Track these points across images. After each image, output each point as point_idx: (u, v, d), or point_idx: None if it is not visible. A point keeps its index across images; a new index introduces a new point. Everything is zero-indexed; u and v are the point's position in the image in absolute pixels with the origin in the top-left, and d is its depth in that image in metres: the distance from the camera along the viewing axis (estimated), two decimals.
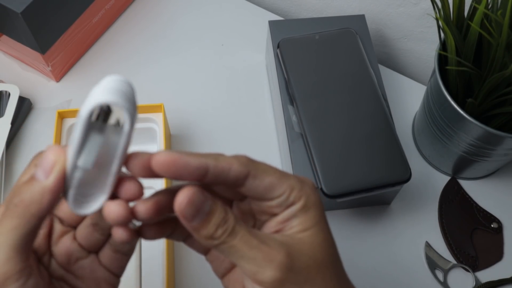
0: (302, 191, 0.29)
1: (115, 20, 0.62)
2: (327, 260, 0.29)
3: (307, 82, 0.48)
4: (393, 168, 0.44)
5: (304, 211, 0.29)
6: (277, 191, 0.28)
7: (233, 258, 0.27)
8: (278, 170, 0.29)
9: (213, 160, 0.27)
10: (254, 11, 0.63)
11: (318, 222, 0.29)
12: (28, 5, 0.47)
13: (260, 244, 0.27)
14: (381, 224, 0.51)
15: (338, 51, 0.50)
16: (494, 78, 0.40)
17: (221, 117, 0.56)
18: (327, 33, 0.51)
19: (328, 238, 0.29)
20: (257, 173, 0.28)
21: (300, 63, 0.49)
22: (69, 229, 0.31)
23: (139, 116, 0.49)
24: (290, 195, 0.28)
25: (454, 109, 0.44)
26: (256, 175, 0.28)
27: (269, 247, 0.27)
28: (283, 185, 0.28)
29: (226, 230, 0.27)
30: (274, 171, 0.29)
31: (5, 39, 0.55)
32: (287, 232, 0.29)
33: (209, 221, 0.26)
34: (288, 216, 0.29)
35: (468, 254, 0.49)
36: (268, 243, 0.27)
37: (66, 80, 0.58)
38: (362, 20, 0.53)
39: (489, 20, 0.41)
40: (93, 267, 0.31)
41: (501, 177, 0.54)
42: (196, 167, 0.26)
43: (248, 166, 0.28)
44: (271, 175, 0.28)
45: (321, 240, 0.29)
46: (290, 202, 0.29)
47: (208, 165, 0.27)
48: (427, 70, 0.63)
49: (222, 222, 0.27)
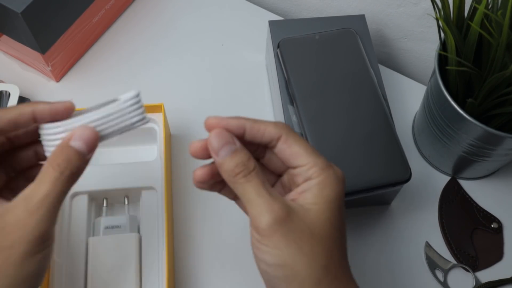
0: (324, 171, 0.32)
1: (115, 20, 0.62)
2: (324, 237, 0.31)
3: (307, 82, 0.48)
4: (393, 168, 0.44)
5: (319, 188, 0.32)
6: (300, 160, 0.32)
7: (243, 198, 0.31)
8: (310, 146, 0.33)
9: (250, 122, 0.33)
10: (254, 11, 0.63)
11: (329, 202, 0.32)
12: (28, 5, 0.47)
13: (267, 195, 0.31)
14: (381, 224, 0.51)
15: (338, 51, 0.50)
16: (494, 78, 0.40)
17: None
18: (327, 33, 0.51)
19: (334, 221, 0.32)
20: (288, 138, 0.33)
21: (300, 63, 0.49)
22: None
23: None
24: (311, 169, 0.32)
25: (454, 109, 0.44)
26: (287, 140, 0.33)
27: (274, 200, 0.31)
28: (308, 158, 0.32)
29: (243, 172, 0.31)
30: (306, 145, 0.33)
31: (5, 39, 0.55)
32: (299, 201, 0.32)
33: (232, 158, 0.31)
34: (305, 188, 0.32)
35: (468, 254, 0.49)
36: (274, 197, 0.31)
37: (66, 80, 0.58)
38: (362, 20, 0.53)
39: (489, 20, 0.41)
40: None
41: (501, 177, 0.54)
42: (236, 126, 0.32)
43: (282, 130, 0.33)
44: (300, 145, 0.32)
45: (325, 217, 0.31)
46: (309, 175, 0.32)
47: (245, 125, 0.33)
48: (427, 70, 0.63)
49: (242, 164, 0.31)
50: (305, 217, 0.31)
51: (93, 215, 0.47)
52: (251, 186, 0.31)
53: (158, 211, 0.45)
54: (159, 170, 0.47)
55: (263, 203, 0.31)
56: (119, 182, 0.46)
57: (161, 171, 0.47)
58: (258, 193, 0.31)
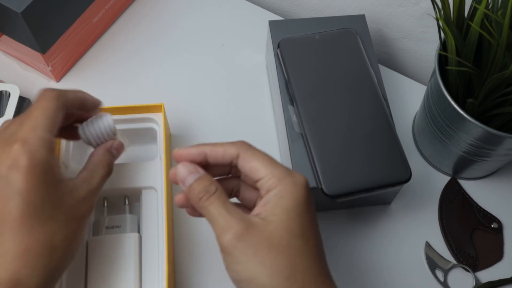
0: (281, 180, 0.33)
1: (115, 20, 0.62)
2: (285, 247, 0.32)
3: (307, 82, 0.48)
4: (393, 168, 0.44)
5: (277, 198, 0.33)
6: (259, 174, 0.34)
7: (208, 220, 0.34)
8: (268, 158, 0.35)
9: (210, 147, 0.36)
10: (254, 11, 0.63)
11: (288, 212, 0.33)
12: (28, 5, 0.47)
13: (226, 214, 0.33)
14: (381, 224, 0.51)
15: (339, 51, 0.50)
16: (494, 78, 0.40)
17: (221, 117, 0.56)
18: (327, 33, 0.51)
19: (295, 229, 0.33)
20: (246, 155, 0.35)
21: (300, 63, 0.49)
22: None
23: (139, 116, 0.49)
24: (269, 180, 0.34)
25: (454, 109, 0.44)
26: (245, 157, 0.35)
27: (232, 217, 0.33)
28: (266, 170, 0.34)
29: (205, 195, 0.34)
30: (263, 158, 0.35)
31: (5, 39, 0.55)
32: (262, 214, 0.33)
33: (195, 184, 0.35)
34: (266, 200, 0.34)
35: (468, 254, 0.49)
36: (233, 215, 0.33)
37: (66, 80, 0.58)
38: (362, 20, 0.53)
39: (490, 20, 0.41)
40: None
41: (501, 177, 0.54)
42: (196, 153, 0.36)
43: (239, 148, 0.35)
44: (257, 159, 0.34)
45: (285, 227, 0.32)
46: (268, 187, 0.34)
47: (205, 150, 0.36)
48: (427, 70, 0.63)
49: (204, 189, 0.34)
50: (265, 229, 0.32)
51: (93, 215, 0.47)
52: (213, 208, 0.33)
53: (158, 211, 0.45)
54: (159, 170, 0.47)
55: (222, 221, 0.33)
56: (119, 182, 0.46)
57: (161, 171, 0.47)
58: (219, 213, 0.33)
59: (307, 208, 0.33)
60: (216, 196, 0.34)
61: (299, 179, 0.34)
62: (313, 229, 0.34)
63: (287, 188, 0.33)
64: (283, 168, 0.34)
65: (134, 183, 0.46)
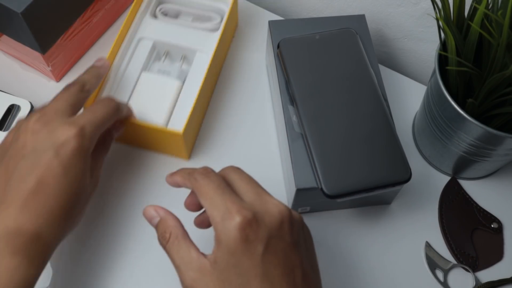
0: (219, 224, 0.34)
1: (115, 20, 0.62)
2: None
3: (307, 82, 0.48)
4: (393, 168, 0.44)
5: (216, 243, 0.34)
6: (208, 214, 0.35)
7: (169, 256, 0.36)
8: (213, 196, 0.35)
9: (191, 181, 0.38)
10: (254, 11, 0.63)
11: (222, 261, 0.34)
12: (28, 5, 0.47)
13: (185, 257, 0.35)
14: (381, 224, 0.51)
15: (338, 51, 0.50)
16: (495, 78, 0.40)
17: (221, 117, 0.56)
18: (327, 33, 0.51)
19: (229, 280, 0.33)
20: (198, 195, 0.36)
21: (300, 63, 0.49)
22: None
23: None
24: (212, 222, 0.34)
25: (454, 109, 0.44)
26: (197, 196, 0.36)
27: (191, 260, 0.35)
28: (209, 211, 0.35)
29: (165, 238, 0.37)
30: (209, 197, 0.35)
31: (5, 39, 0.55)
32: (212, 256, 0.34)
33: (157, 228, 0.38)
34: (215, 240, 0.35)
35: (468, 254, 0.49)
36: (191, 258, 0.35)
37: (66, 80, 0.58)
38: (362, 20, 0.53)
39: (490, 20, 0.41)
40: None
41: (501, 177, 0.54)
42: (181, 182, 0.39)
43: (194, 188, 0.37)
44: (205, 199, 0.35)
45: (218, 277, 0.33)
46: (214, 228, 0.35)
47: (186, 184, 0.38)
48: (427, 70, 0.63)
49: (163, 232, 0.37)
50: (211, 274, 0.34)
51: (152, 59, 0.55)
52: (171, 249, 0.36)
53: (203, 71, 0.52)
54: (215, 41, 0.54)
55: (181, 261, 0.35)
56: (181, 41, 0.55)
57: (215, 42, 0.54)
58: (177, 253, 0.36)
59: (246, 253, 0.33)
60: (174, 239, 0.36)
61: (238, 221, 0.33)
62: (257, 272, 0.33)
63: (223, 235, 0.33)
64: (223, 208, 0.34)
65: (193, 46, 0.55)
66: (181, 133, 0.48)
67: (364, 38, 0.52)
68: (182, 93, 0.52)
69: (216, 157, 0.54)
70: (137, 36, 0.55)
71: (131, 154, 0.53)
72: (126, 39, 0.54)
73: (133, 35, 0.55)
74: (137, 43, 0.55)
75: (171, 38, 0.55)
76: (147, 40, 0.55)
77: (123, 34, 0.54)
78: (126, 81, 0.52)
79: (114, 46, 0.52)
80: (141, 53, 0.54)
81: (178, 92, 0.52)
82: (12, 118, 0.53)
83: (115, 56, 0.53)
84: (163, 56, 0.56)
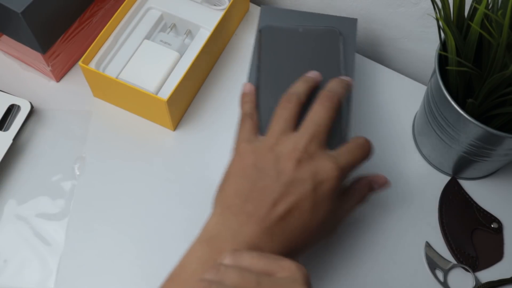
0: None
1: None
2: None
3: (275, 72, 0.48)
4: None
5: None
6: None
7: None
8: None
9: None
10: (254, 11, 0.63)
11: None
12: (28, 5, 0.47)
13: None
14: (381, 224, 0.51)
15: (316, 48, 0.49)
16: (495, 78, 0.40)
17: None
18: (311, 28, 0.50)
19: None
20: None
21: (275, 52, 0.49)
22: None
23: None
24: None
25: (454, 109, 0.44)
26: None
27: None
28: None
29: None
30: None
31: (5, 39, 0.55)
32: None
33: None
34: None
35: (468, 254, 0.49)
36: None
37: (66, 80, 0.58)
38: (353, 24, 0.52)
39: (490, 20, 0.41)
40: None
41: (501, 177, 0.54)
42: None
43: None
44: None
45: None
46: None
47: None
48: (427, 70, 0.63)
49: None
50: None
51: (158, 30, 0.57)
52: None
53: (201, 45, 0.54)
54: (218, 17, 0.56)
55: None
56: (188, 16, 0.57)
57: (217, 19, 0.55)
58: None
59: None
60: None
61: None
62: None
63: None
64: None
65: (198, 22, 0.57)
66: (165, 100, 0.49)
67: (349, 41, 0.51)
68: (178, 65, 0.54)
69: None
70: (146, 5, 0.57)
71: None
72: (135, 6, 0.57)
73: (142, 3, 0.57)
74: (145, 12, 0.57)
75: (179, 12, 0.57)
76: (155, 10, 0.57)
77: (131, 1, 0.56)
78: (128, 46, 0.55)
79: (121, 9, 0.55)
80: (148, 21, 0.57)
81: (174, 64, 0.54)
82: (12, 118, 0.53)
83: (119, 22, 0.55)
84: (169, 28, 0.58)
